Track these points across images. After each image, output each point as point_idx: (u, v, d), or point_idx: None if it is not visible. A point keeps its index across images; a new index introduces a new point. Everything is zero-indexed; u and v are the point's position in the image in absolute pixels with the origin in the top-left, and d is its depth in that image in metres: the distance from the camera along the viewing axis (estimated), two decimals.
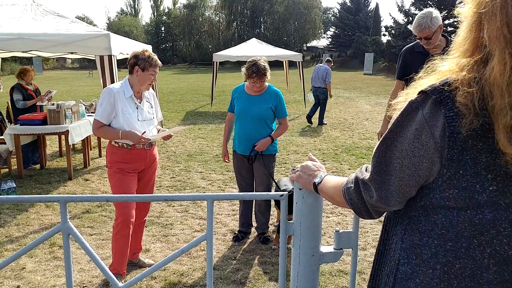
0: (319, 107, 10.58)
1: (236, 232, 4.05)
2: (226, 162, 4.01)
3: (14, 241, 3.93)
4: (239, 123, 3.74)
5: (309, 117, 10.57)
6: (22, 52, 6.66)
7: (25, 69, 6.73)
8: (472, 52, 0.95)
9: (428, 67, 1.05)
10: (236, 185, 5.51)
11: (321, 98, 10.42)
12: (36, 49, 5.57)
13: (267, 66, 3.59)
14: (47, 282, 3.21)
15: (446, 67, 1.01)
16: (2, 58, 8.12)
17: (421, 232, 1.03)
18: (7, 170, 6.18)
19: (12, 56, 8.70)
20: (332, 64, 10.84)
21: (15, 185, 5.09)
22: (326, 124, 10.65)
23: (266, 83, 3.74)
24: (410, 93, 1.03)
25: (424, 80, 1.03)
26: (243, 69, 3.65)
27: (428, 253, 1.01)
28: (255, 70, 3.52)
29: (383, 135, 1.04)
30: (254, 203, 4.05)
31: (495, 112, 0.89)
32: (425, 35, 3.26)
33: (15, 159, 6.03)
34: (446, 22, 32.86)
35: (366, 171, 1.09)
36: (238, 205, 4.21)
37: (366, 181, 1.06)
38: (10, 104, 7.07)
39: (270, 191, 3.98)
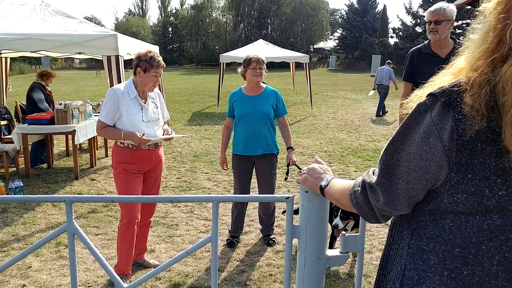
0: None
1: (230, 237, 3.91)
2: (225, 169, 3.91)
3: (21, 240, 3.96)
4: (243, 125, 3.71)
5: (381, 111, 12.50)
6: (31, 52, 6.72)
7: (49, 72, 6.77)
8: (492, 51, 0.92)
9: (444, 69, 1.04)
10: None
11: (382, 92, 12.51)
12: (44, 49, 5.61)
13: (264, 58, 3.70)
14: (52, 281, 3.22)
15: (460, 65, 0.99)
16: (11, 58, 8.19)
17: (428, 237, 1.01)
18: (15, 169, 6.22)
19: (21, 56, 8.78)
20: (392, 65, 13.26)
21: (22, 184, 5.12)
22: (383, 116, 12.45)
23: (263, 84, 3.76)
24: (423, 95, 1.01)
25: (437, 81, 1.02)
26: (240, 68, 3.71)
27: (435, 259, 1.00)
28: (253, 56, 3.62)
29: (391, 138, 1.03)
30: (258, 207, 4.03)
31: (505, 109, 0.87)
32: (436, 18, 3.29)
33: (23, 158, 6.08)
34: (455, 24, 32.66)
35: (373, 175, 1.07)
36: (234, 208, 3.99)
37: (373, 184, 1.04)
38: (18, 103, 7.13)
39: (274, 193, 3.96)
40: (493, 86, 0.90)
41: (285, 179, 3.85)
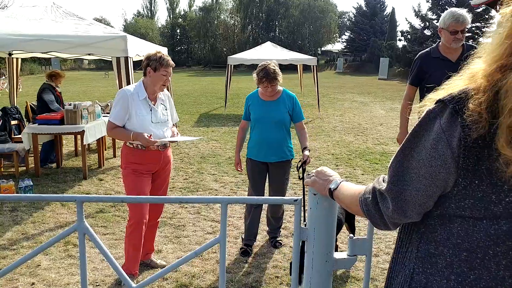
0: None
1: (244, 246, 3.78)
2: (239, 171, 3.83)
3: (30, 238, 4.00)
4: (257, 130, 3.63)
5: None
6: (42, 53, 6.79)
7: (58, 73, 6.84)
8: (507, 57, 0.91)
9: (457, 74, 1.04)
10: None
11: None
12: (55, 50, 5.67)
13: (278, 70, 3.49)
14: (61, 280, 3.25)
15: (475, 71, 0.98)
16: (21, 59, 8.28)
17: (437, 241, 1.02)
18: (25, 168, 6.29)
19: (31, 57, 8.86)
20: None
21: (32, 183, 5.18)
22: None
23: (280, 88, 3.64)
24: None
25: (450, 86, 1.01)
26: (254, 75, 3.56)
27: (443, 263, 1.00)
28: (265, 75, 3.43)
29: (401, 145, 1.03)
30: (267, 209, 4.02)
31: (502, 111, 0.87)
32: (463, 27, 3.25)
33: (33, 157, 6.15)
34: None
35: (383, 182, 1.08)
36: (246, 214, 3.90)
37: (383, 191, 1.05)
38: (29, 103, 7.21)
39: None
40: (496, 92, 0.90)
41: (300, 178, 3.52)
